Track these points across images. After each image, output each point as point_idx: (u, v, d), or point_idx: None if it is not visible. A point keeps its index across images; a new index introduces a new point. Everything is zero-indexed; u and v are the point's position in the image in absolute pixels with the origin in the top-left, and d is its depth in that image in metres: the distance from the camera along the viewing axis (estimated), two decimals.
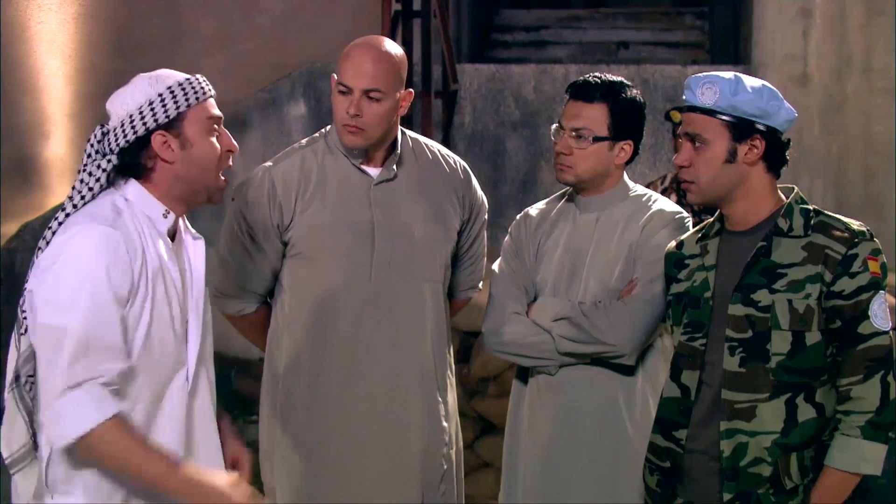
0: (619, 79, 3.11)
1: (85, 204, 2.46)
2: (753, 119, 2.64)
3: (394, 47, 3.13)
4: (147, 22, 7.94)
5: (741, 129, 2.64)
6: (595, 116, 3.05)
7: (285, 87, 7.53)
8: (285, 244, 3.16)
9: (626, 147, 3.10)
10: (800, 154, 6.87)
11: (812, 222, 2.65)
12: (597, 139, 3.05)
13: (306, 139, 3.28)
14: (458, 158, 3.36)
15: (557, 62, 8.20)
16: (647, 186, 4.03)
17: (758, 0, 7.22)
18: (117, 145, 2.48)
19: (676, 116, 4.94)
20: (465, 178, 3.31)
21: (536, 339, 3.06)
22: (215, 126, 2.53)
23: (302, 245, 3.14)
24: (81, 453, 2.32)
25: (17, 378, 2.41)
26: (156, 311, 2.43)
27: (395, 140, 3.20)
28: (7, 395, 2.42)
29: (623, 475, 3.05)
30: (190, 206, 2.59)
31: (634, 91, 3.11)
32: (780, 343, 2.60)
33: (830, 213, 2.69)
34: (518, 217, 3.30)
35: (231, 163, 2.58)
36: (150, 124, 2.46)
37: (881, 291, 2.60)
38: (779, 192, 2.73)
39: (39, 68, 7.97)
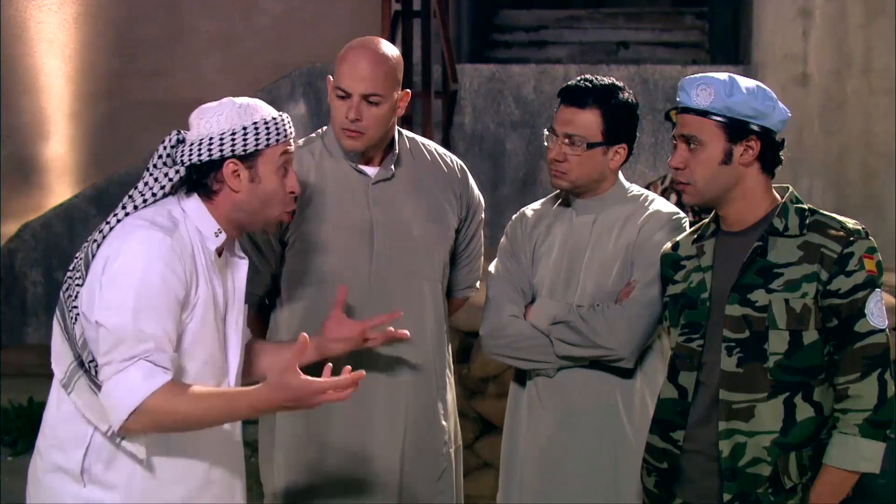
0: (611, 81, 3.08)
1: (146, 206, 2.53)
2: (748, 120, 2.64)
3: (390, 49, 3.13)
4: (147, 22, 7.94)
5: (736, 130, 2.64)
6: (588, 122, 3.03)
7: (285, 87, 7.53)
8: (284, 245, 3.16)
9: (621, 150, 3.09)
10: (800, 154, 6.87)
11: (807, 221, 2.65)
12: (591, 145, 3.04)
13: (303, 139, 3.28)
14: (454, 157, 3.36)
15: (557, 62, 8.20)
16: (647, 187, 4.03)
17: (758, 0, 7.22)
18: (189, 160, 2.53)
19: None
20: (463, 177, 3.32)
21: (534, 343, 3.05)
22: (286, 166, 2.59)
23: (301, 245, 3.14)
24: (134, 424, 2.40)
25: (81, 364, 2.47)
26: (204, 323, 2.51)
27: (393, 140, 3.20)
28: (79, 380, 2.48)
29: (622, 476, 3.04)
30: (243, 231, 2.66)
31: (627, 93, 3.08)
32: (777, 343, 2.60)
33: (825, 212, 2.69)
34: (514, 217, 3.28)
35: (294, 205, 2.66)
36: (227, 152, 2.52)
37: (877, 289, 2.60)
38: (774, 191, 2.73)
39: (39, 68, 7.97)
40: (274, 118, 2.57)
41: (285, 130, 2.58)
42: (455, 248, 3.31)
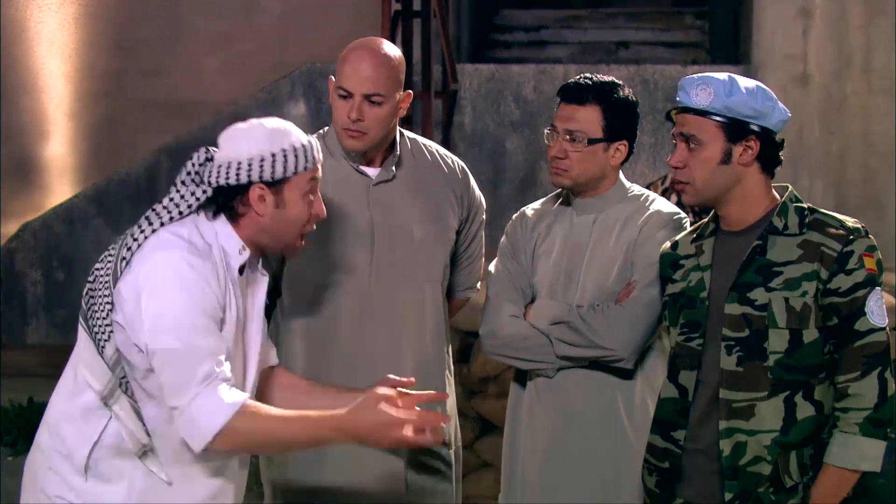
0: (611, 79, 3.09)
1: (172, 223, 2.52)
2: (748, 120, 2.64)
3: (392, 49, 3.13)
4: (147, 22, 7.94)
5: (736, 129, 2.64)
6: (588, 118, 3.03)
7: (285, 87, 7.53)
8: None
9: (622, 147, 3.09)
10: (800, 154, 6.87)
11: (807, 220, 2.65)
12: (591, 141, 3.04)
13: None
14: (455, 158, 3.35)
15: (557, 62, 8.20)
16: (648, 187, 4.02)
17: (758, 0, 7.22)
18: (217, 181, 2.52)
19: None
20: (464, 178, 3.31)
21: (534, 343, 3.05)
22: (313, 191, 2.58)
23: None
24: (221, 445, 2.41)
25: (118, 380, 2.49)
26: (230, 341, 2.51)
27: (394, 141, 3.20)
28: (121, 397, 2.49)
29: (623, 476, 3.04)
30: (263, 252, 2.65)
31: (627, 91, 3.09)
32: (777, 341, 2.61)
33: (825, 211, 2.69)
34: (514, 217, 3.28)
35: (314, 227, 2.66)
36: (255, 178, 2.50)
37: (877, 288, 2.60)
38: (773, 191, 2.73)
39: (39, 68, 7.98)
40: (304, 145, 2.54)
41: (313, 157, 2.56)
42: (456, 249, 3.31)
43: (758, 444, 2.61)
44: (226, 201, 2.53)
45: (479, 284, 3.44)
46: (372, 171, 3.17)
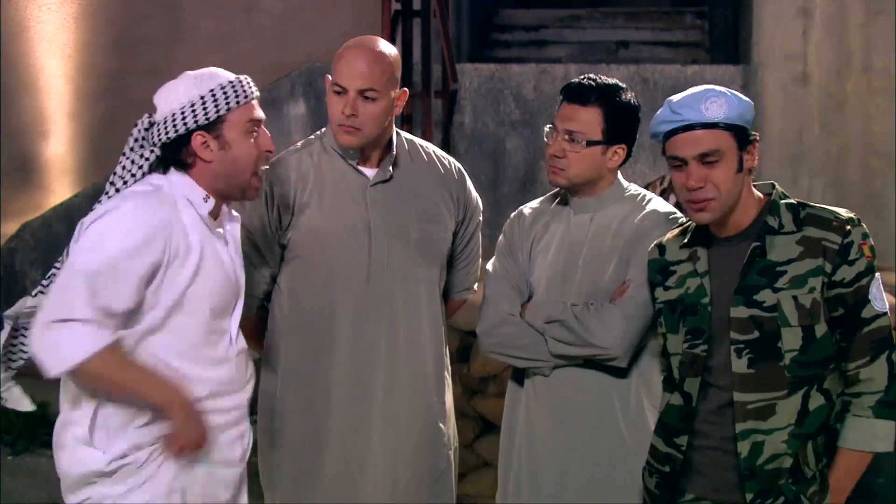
0: (614, 81, 3.08)
1: (126, 187, 2.61)
2: (747, 126, 2.67)
3: (388, 47, 3.13)
4: (147, 22, 7.93)
5: (743, 137, 2.66)
6: (589, 120, 3.03)
7: (285, 87, 7.53)
8: (283, 246, 3.17)
9: (620, 151, 3.09)
10: (800, 154, 6.86)
11: (801, 216, 2.67)
12: (590, 143, 3.04)
13: (301, 141, 3.28)
14: (452, 159, 3.36)
15: (557, 62, 8.20)
16: (646, 187, 4.02)
17: (758, 0, 7.21)
18: (160, 139, 2.61)
19: None
20: (460, 179, 3.32)
21: (529, 341, 3.06)
22: (255, 128, 2.65)
23: (299, 247, 3.14)
24: (78, 377, 2.50)
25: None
26: (199, 277, 2.58)
27: (391, 141, 3.20)
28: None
29: (619, 475, 3.04)
30: (225, 200, 2.72)
31: (629, 94, 3.08)
32: (791, 340, 2.62)
33: (815, 205, 2.71)
34: (512, 216, 3.29)
35: (266, 164, 2.72)
36: (191, 125, 2.58)
37: (877, 274, 2.65)
38: (756, 190, 2.74)
39: (39, 68, 7.97)
40: (231, 82, 2.63)
41: (244, 91, 2.63)
42: (452, 250, 3.32)
43: (775, 441, 2.62)
44: (173, 156, 2.61)
45: (476, 286, 3.45)
46: (369, 172, 3.18)
